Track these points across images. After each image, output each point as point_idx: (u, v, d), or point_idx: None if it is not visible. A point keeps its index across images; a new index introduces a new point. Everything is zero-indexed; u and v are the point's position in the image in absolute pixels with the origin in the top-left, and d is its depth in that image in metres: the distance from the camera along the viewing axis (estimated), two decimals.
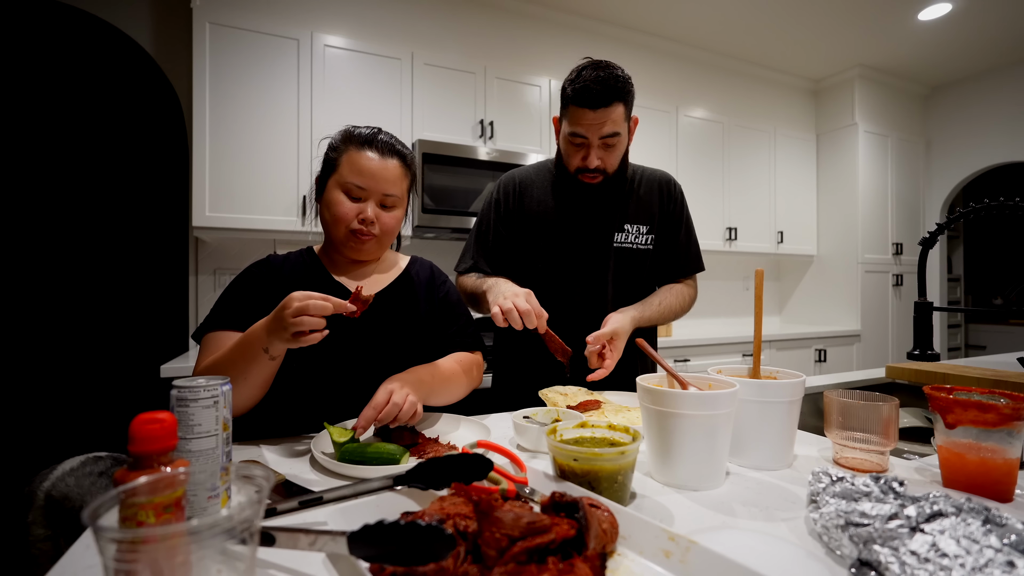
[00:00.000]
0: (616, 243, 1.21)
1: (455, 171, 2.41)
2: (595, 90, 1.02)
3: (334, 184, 0.94)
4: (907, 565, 0.40)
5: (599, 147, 1.09)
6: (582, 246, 1.20)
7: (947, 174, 4.09)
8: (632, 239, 1.21)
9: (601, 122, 1.05)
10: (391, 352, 0.97)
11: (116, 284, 3.08)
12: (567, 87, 1.07)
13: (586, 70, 1.04)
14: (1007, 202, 1.10)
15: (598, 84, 1.02)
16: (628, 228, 1.21)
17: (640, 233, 1.22)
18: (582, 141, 1.09)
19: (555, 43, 3.14)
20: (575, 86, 1.04)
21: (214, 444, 0.49)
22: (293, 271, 0.98)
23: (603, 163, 1.10)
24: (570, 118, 1.08)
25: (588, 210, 1.21)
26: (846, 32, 3.36)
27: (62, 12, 2.71)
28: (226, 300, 0.92)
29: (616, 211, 1.21)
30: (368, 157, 0.93)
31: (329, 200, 0.94)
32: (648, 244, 1.23)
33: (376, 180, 0.93)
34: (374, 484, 0.56)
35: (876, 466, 0.70)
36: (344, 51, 2.32)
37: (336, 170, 0.94)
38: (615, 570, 0.44)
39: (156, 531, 0.33)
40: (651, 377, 0.75)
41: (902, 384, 1.36)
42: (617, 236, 1.21)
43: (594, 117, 1.04)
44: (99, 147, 3.03)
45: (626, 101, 1.07)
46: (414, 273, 1.07)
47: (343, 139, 0.96)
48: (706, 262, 1.39)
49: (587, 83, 1.02)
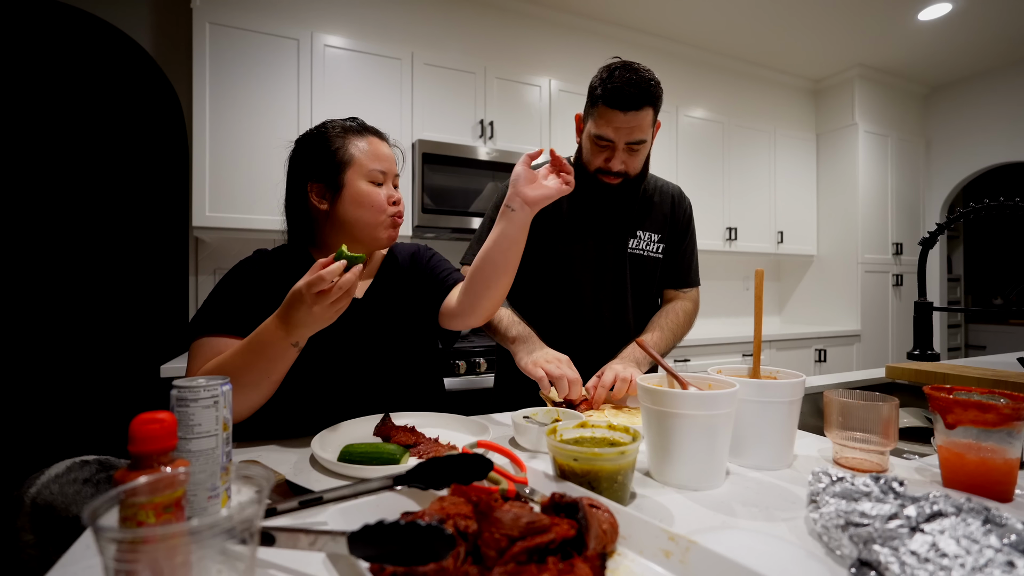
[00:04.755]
0: (631, 249, 1.20)
1: (455, 171, 2.41)
2: (629, 92, 0.98)
3: (355, 177, 0.90)
4: (907, 565, 0.40)
5: (624, 151, 1.06)
6: (599, 250, 1.18)
7: (947, 174, 4.09)
8: (644, 246, 1.21)
9: (631, 126, 1.02)
10: (391, 344, 0.96)
11: (116, 284, 3.08)
12: (598, 86, 1.02)
13: (618, 70, 1.00)
14: (1007, 202, 1.10)
15: (632, 87, 0.98)
16: (641, 235, 1.20)
17: (652, 241, 1.21)
18: (607, 144, 1.05)
19: (555, 43, 3.14)
20: (607, 86, 0.99)
21: (214, 444, 0.49)
22: (288, 272, 0.92)
23: (626, 167, 1.08)
24: (597, 119, 1.04)
25: (602, 213, 1.19)
26: (846, 32, 3.36)
27: (62, 12, 2.71)
28: (217, 302, 0.87)
29: (630, 217, 1.20)
30: (376, 142, 0.93)
31: (357, 194, 0.90)
32: (659, 253, 1.22)
33: (391, 163, 0.94)
34: (374, 484, 0.56)
35: (876, 466, 0.70)
36: (344, 51, 2.32)
37: (352, 163, 0.90)
38: (615, 570, 0.44)
39: (156, 531, 0.33)
40: (651, 377, 0.75)
41: (902, 384, 1.36)
42: (631, 242, 1.20)
43: (624, 120, 1.01)
44: (99, 147, 3.03)
45: (656, 106, 1.03)
46: (396, 253, 1.06)
47: (341, 131, 0.92)
48: (706, 262, 1.40)
49: (620, 84, 0.98)
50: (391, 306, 0.98)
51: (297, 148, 0.95)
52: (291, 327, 0.72)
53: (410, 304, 1.01)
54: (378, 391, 0.95)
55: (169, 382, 1.47)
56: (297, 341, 0.75)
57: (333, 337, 0.90)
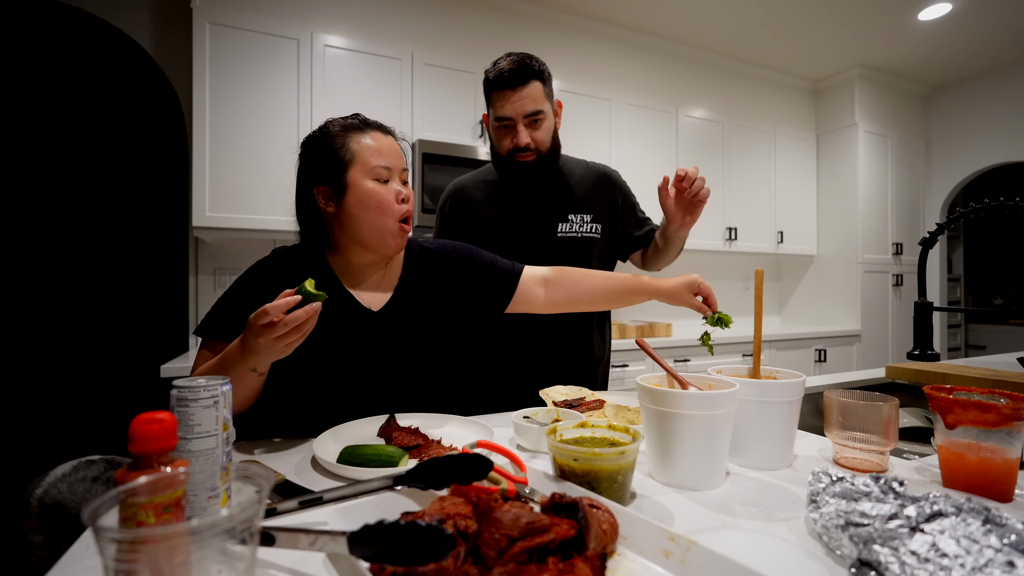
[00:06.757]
0: (560, 233, 1.24)
1: (455, 171, 2.41)
2: (513, 70, 1.10)
3: (359, 176, 0.87)
4: (907, 565, 0.40)
5: (526, 125, 1.15)
6: (525, 238, 1.24)
7: (947, 174, 4.09)
8: (577, 228, 1.24)
9: (523, 99, 1.12)
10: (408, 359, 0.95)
11: (116, 284, 3.08)
12: (487, 77, 1.14)
13: (501, 60, 1.14)
14: (1007, 202, 1.10)
15: (514, 65, 1.11)
16: (572, 218, 1.24)
17: (585, 222, 1.25)
18: (509, 123, 1.14)
19: (555, 43, 3.14)
20: (494, 73, 1.12)
21: (214, 444, 0.49)
22: (299, 275, 0.90)
23: (534, 141, 1.15)
24: (495, 104, 1.15)
25: (527, 202, 1.24)
26: (846, 32, 3.36)
27: (62, 12, 2.71)
28: (227, 304, 0.86)
29: (558, 202, 1.25)
30: (379, 137, 0.90)
31: (363, 194, 0.86)
32: (594, 232, 1.25)
33: (397, 157, 0.91)
34: (374, 484, 0.56)
35: (876, 466, 0.70)
36: (344, 51, 2.32)
37: (354, 162, 0.87)
38: (615, 570, 0.44)
39: (156, 531, 0.33)
40: (651, 377, 0.75)
41: (902, 384, 1.36)
42: (561, 227, 1.24)
43: (516, 96, 1.11)
44: (99, 147, 3.03)
45: (543, 79, 1.14)
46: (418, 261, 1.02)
47: (341, 129, 0.89)
48: (706, 262, 1.41)
49: (505, 66, 1.11)
50: (411, 320, 0.95)
51: (302, 152, 0.93)
52: (246, 353, 0.71)
53: (442, 308, 0.98)
54: (390, 402, 0.94)
55: (169, 382, 1.47)
56: (255, 367, 0.73)
57: (344, 352, 0.89)
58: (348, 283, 0.94)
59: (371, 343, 0.92)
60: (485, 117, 1.23)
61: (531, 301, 1.05)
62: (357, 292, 0.94)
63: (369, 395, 0.92)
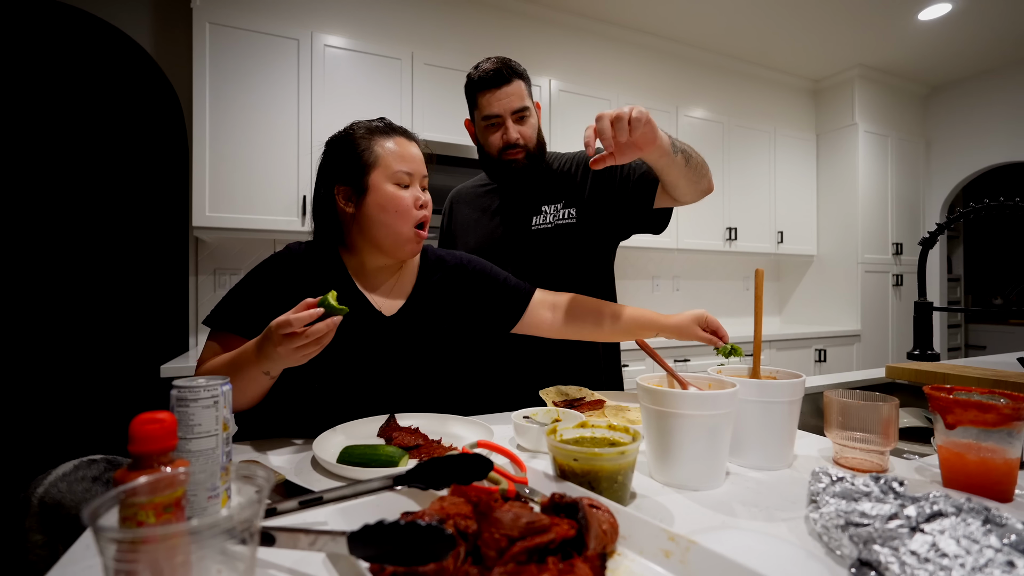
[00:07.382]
0: (535, 226, 1.23)
1: (455, 171, 2.41)
2: (496, 70, 1.14)
3: (380, 179, 0.87)
4: (907, 565, 0.40)
5: (514, 121, 1.16)
6: (502, 238, 1.25)
7: (947, 174, 4.09)
8: (551, 219, 1.23)
9: (509, 96, 1.14)
10: (420, 364, 0.95)
11: (116, 284, 3.08)
12: (472, 79, 1.16)
13: (482, 63, 1.17)
14: (1007, 202, 1.10)
15: (496, 65, 1.14)
16: (545, 209, 1.24)
17: (557, 210, 1.24)
18: (497, 121, 1.16)
19: (555, 43, 3.14)
20: (478, 76, 1.15)
21: (214, 444, 0.49)
22: (312, 273, 0.91)
23: (522, 136, 1.16)
24: (481, 105, 1.17)
25: (506, 204, 1.26)
26: (846, 32, 3.36)
27: (62, 12, 2.71)
28: (239, 297, 0.86)
29: (532, 196, 1.25)
30: (403, 143, 0.90)
31: (383, 197, 0.87)
32: (568, 218, 1.23)
33: (419, 163, 0.91)
34: (374, 484, 0.56)
35: (876, 466, 0.70)
36: (344, 51, 2.32)
37: (377, 165, 0.87)
38: (615, 570, 0.44)
39: (156, 531, 0.33)
40: (651, 377, 0.75)
41: (902, 384, 1.36)
42: (535, 219, 1.24)
43: (502, 94, 1.14)
44: (99, 147, 3.03)
45: (524, 79, 1.18)
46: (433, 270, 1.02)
47: (367, 132, 0.90)
48: (706, 262, 1.39)
49: (488, 68, 1.14)
50: (422, 329, 0.96)
51: (325, 151, 0.94)
52: (261, 357, 0.72)
53: (452, 320, 0.99)
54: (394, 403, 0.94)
55: (169, 382, 1.48)
56: (268, 371, 0.74)
57: (354, 355, 0.89)
58: (362, 284, 0.94)
59: (381, 348, 0.92)
60: (468, 123, 1.25)
61: (538, 324, 1.05)
62: (371, 295, 0.94)
63: (374, 397, 0.92)
